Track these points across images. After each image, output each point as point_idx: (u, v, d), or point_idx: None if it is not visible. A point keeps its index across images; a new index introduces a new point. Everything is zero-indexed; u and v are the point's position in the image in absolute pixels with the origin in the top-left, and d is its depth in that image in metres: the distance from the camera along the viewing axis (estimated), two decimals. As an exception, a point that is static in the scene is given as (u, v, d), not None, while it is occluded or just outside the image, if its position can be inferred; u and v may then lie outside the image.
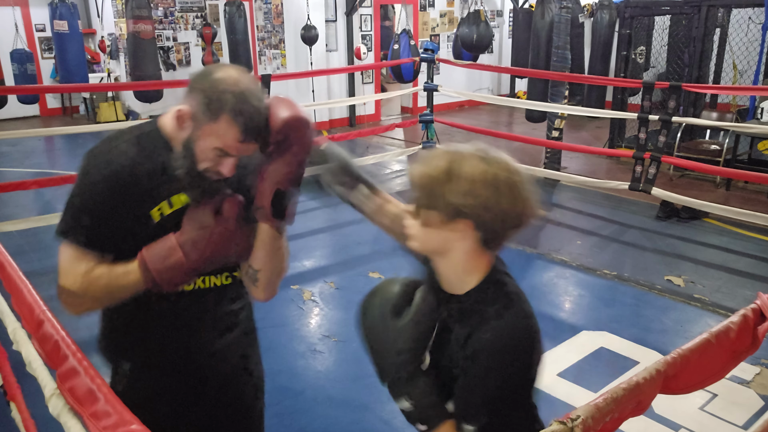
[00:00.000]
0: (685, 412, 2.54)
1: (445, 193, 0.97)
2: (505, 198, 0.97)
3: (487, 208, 0.97)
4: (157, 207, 1.24)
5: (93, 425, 0.84)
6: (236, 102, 1.13)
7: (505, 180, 0.98)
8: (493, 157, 1.00)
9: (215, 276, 1.33)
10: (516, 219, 1.00)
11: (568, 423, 0.74)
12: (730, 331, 1.05)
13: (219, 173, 1.19)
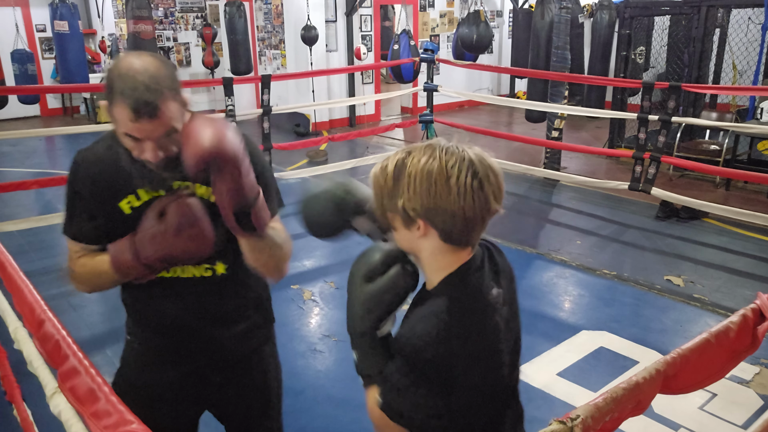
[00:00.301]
0: (685, 412, 2.54)
1: (395, 198, 0.99)
2: (442, 194, 0.95)
3: (432, 207, 0.96)
4: (126, 200, 1.31)
5: (93, 425, 0.84)
6: (121, 83, 1.15)
7: (438, 174, 0.95)
8: (438, 152, 0.97)
9: (192, 266, 1.37)
10: (461, 213, 0.96)
11: (567, 423, 0.75)
12: (729, 331, 1.06)
13: (149, 161, 1.23)
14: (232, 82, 5.10)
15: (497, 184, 0.99)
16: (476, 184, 0.96)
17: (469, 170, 0.96)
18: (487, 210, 0.99)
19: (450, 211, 0.96)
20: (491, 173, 0.99)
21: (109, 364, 2.97)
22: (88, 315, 3.48)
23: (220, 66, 9.53)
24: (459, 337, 0.99)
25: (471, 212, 0.96)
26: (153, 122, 1.18)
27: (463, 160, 0.96)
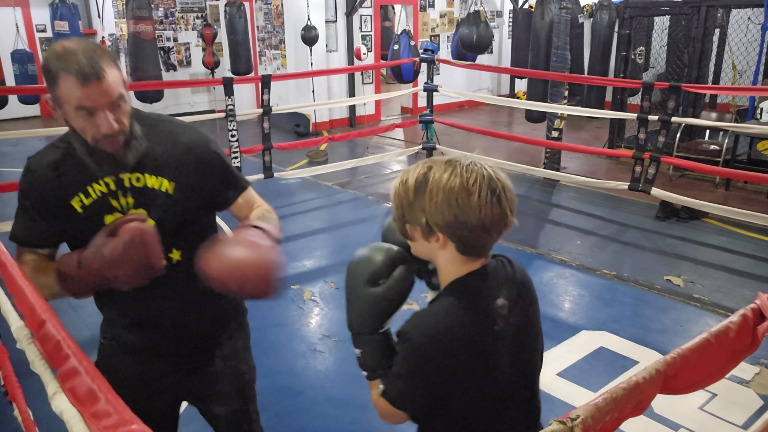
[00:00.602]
0: (685, 412, 2.55)
1: (415, 211, 1.05)
2: (465, 209, 1.01)
3: (453, 221, 1.02)
4: (76, 199, 1.33)
5: (94, 425, 0.84)
6: (61, 62, 1.19)
7: (460, 190, 1.01)
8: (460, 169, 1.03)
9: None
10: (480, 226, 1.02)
11: (567, 423, 0.75)
12: (729, 331, 1.06)
13: (105, 138, 1.24)
14: (232, 82, 5.10)
15: (512, 198, 1.06)
16: (495, 199, 1.02)
17: (489, 186, 1.02)
18: (504, 223, 1.05)
19: (470, 224, 1.02)
20: (507, 188, 1.05)
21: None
22: (88, 315, 3.48)
23: (221, 66, 9.53)
24: (455, 337, 1.04)
25: (490, 225, 1.03)
26: (100, 85, 1.20)
27: (483, 177, 1.02)
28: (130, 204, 1.35)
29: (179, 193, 1.37)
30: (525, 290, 1.17)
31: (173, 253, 1.41)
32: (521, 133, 7.76)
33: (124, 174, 1.33)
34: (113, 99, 1.24)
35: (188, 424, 2.53)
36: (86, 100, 1.20)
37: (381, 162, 6.73)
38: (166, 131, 1.41)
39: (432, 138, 6.73)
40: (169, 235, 1.35)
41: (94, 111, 1.22)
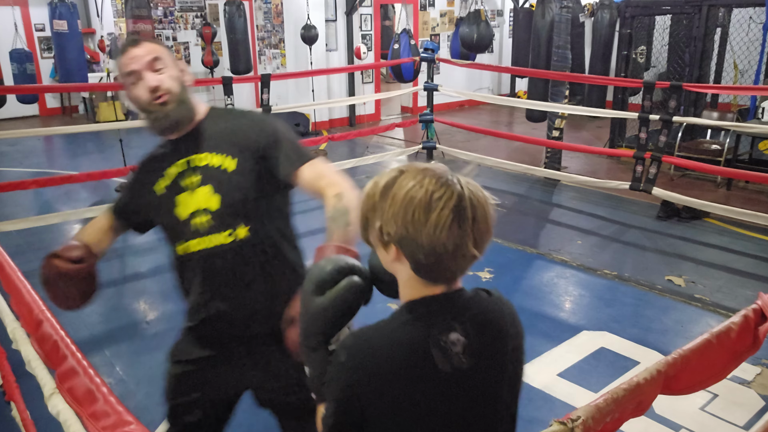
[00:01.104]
0: (686, 413, 2.54)
1: (373, 217, 0.95)
2: (417, 225, 0.89)
3: (405, 236, 0.91)
4: (157, 184, 1.51)
5: (92, 425, 0.84)
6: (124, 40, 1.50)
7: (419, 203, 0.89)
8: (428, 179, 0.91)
9: (213, 235, 1.46)
10: (431, 250, 0.90)
11: (568, 423, 0.74)
12: (730, 332, 1.05)
13: (151, 94, 1.42)
14: (231, 82, 5.09)
15: (482, 228, 0.92)
16: (456, 224, 0.89)
17: (455, 207, 0.89)
18: (461, 253, 0.91)
19: (420, 243, 0.90)
20: (479, 215, 0.92)
21: (107, 364, 2.97)
22: (86, 315, 3.47)
23: (220, 65, 9.53)
24: (380, 363, 0.94)
25: (442, 249, 0.90)
26: (139, 48, 1.42)
27: (452, 195, 0.90)
28: (197, 182, 1.47)
29: (241, 170, 1.46)
30: (496, 330, 1.00)
31: (240, 229, 1.46)
32: (522, 132, 7.75)
33: (192, 155, 1.48)
34: (150, 59, 1.42)
35: (187, 424, 2.53)
36: (129, 63, 1.42)
37: (381, 162, 6.72)
38: (231, 115, 1.58)
39: (432, 137, 6.73)
40: (235, 211, 1.45)
41: (138, 74, 1.42)
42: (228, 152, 1.47)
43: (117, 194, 1.68)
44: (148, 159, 1.58)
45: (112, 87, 7.32)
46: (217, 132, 1.50)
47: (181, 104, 1.45)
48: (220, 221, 1.45)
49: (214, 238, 1.45)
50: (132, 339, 3.21)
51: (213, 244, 1.46)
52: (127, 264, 4.28)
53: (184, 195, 1.47)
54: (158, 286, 3.89)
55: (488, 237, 0.94)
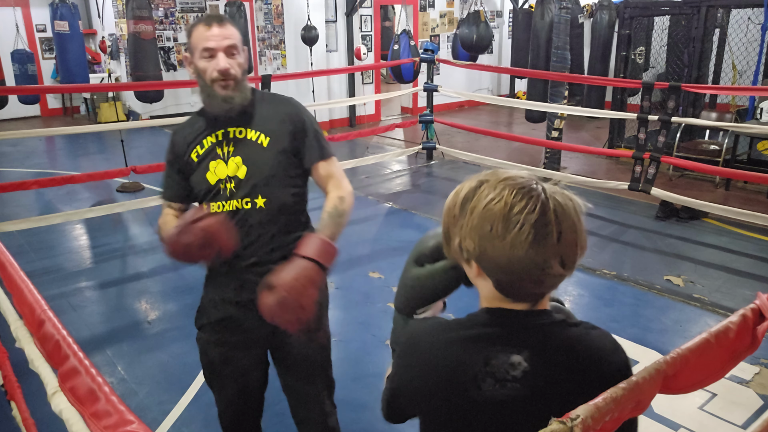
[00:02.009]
0: (685, 412, 2.54)
1: (454, 232, 0.90)
2: (495, 240, 0.83)
3: (483, 252, 0.84)
4: (194, 151, 1.64)
5: (94, 425, 0.84)
6: (200, 18, 1.60)
7: (497, 217, 0.82)
8: (508, 190, 0.83)
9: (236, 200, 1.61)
10: (508, 268, 0.84)
11: (567, 423, 0.74)
12: (729, 331, 1.05)
13: (220, 75, 1.53)
14: (232, 82, 5.09)
15: (568, 242, 0.84)
16: (537, 241, 0.81)
17: (536, 221, 0.81)
18: (543, 271, 0.83)
19: (497, 260, 0.84)
20: (566, 229, 0.83)
21: (109, 363, 2.98)
22: (88, 315, 3.48)
23: (220, 66, 9.53)
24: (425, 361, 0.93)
25: (521, 270, 0.83)
26: (221, 28, 1.54)
27: (534, 208, 0.82)
28: (230, 152, 1.61)
29: (272, 147, 1.62)
30: (574, 366, 0.88)
31: (258, 199, 1.62)
32: (521, 133, 7.76)
33: (231, 128, 1.62)
34: (229, 44, 1.54)
35: (188, 424, 2.53)
36: (208, 40, 1.53)
37: (381, 162, 6.73)
38: (271, 98, 1.71)
39: (432, 138, 6.74)
40: (257, 183, 1.60)
41: (214, 53, 1.54)
42: (263, 130, 1.62)
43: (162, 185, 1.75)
44: (185, 126, 1.69)
45: (113, 87, 7.33)
46: (256, 111, 1.64)
47: (241, 91, 1.59)
48: (243, 190, 1.60)
49: (235, 203, 1.61)
50: (133, 339, 3.22)
51: (232, 208, 1.61)
52: (128, 264, 4.29)
53: (217, 162, 1.61)
54: (159, 286, 3.89)
55: (578, 252, 0.86)
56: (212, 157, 1.62)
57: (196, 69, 1.58)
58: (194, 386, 2.77)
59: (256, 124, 1.63)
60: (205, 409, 2.61)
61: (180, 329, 3.31)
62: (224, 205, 1.62)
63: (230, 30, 1.56)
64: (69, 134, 8.63)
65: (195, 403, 2.65)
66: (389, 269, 3.96)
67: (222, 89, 1.56)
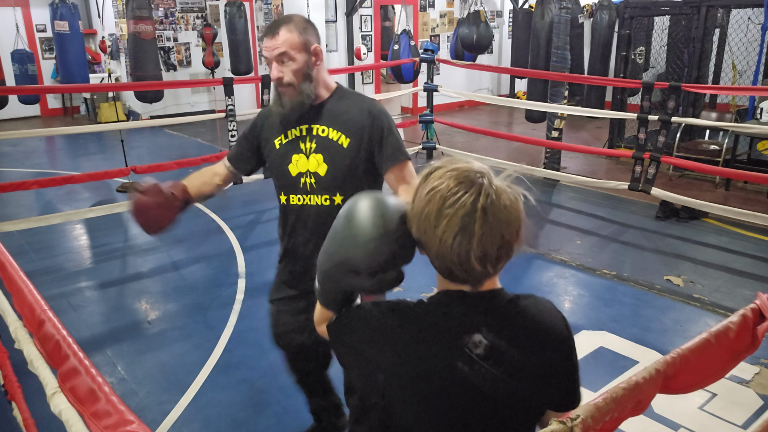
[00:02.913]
0: (685, 412, 2.54)
1: (410, 210, 0.94)
2: (428, 226, 0.87)
3: (420, 235, 0.90)
4: (278, 138, 1.77)
5: (94, 425, 0.84)
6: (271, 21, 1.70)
7: (435, 203, 0.86)
8: (453, 179, 0.87)
9: (316, 196, 1.73)
10: (440, 257, 0.87)
11: (567, 422, 0.75)
12: (729, 331, 1.06)
13: (279, 84, 1.68)
14: (232, 82, 5.10)
15: (495, 244, 0.86)
16: (461, 235, 0.85)
17: (468, 216, 0.84)
18: (466, 268, 0.87)
19: (430, 246, 0.89)
20: (495, 231, 0.85)
21: (109, 364, 2.98)
22: (88, 315, 3.48)
23: (221, 66, 9.53)
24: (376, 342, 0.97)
25: (448, 256, 0.87)
26: (273, 39, 1.63)
27: (466, 203, 0.85)
28: (312, 148, 1.72)
29: (351, 148, 1.70)
30: (529, 340, 0.93)
31: (337, 197, 1.71)
32: (521, 133, 7.75)
33: (315, 125, 1.72)
34: (278, 54, 1.63)
35: (188, 424, 2.53)
36: (264, 51, 1.68)
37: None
38: (353, 97, 1.78)
39: (432, 138, 6.73)
40: (337, 182, 1.70)
41: (270, 62, 1.66)
42: (344, 131, 1.70)
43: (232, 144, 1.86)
44: (269, 113, 1.81)
45: (113, 88, 7.34)
46: (339, 110, 1.73)
47: (300, 94, 1.67)
48: (322, 187, 1.71)
49: (315, 199, 1.73)
50: (133, 339, 3.22)
51: (312, 203, 1.74)
52: (128, 264, 4.29)
53: (299, 156, 1.72)
54: (159, 286, 3.89)
55: (505, 254, 0.88)
56: (295, 151, 1.73)
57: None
58: (194, 386, 2.77)
59: (338, 125, 1.71)
60: (205, 409, 2.61)
61: (180, 329, 3.31)
62: (304, 199, 1.75)
63: (282, 37, 1.63)
64: (69, 134, 8.63)
65: (195, 403, 2.65)
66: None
67: (283, 94, 1.69)
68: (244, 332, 3.24)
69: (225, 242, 4.58)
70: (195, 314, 3.47)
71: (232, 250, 4.42)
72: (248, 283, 3.85)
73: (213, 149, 7.33)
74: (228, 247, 4.47)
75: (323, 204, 1.73)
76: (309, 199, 1.74)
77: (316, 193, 1.73)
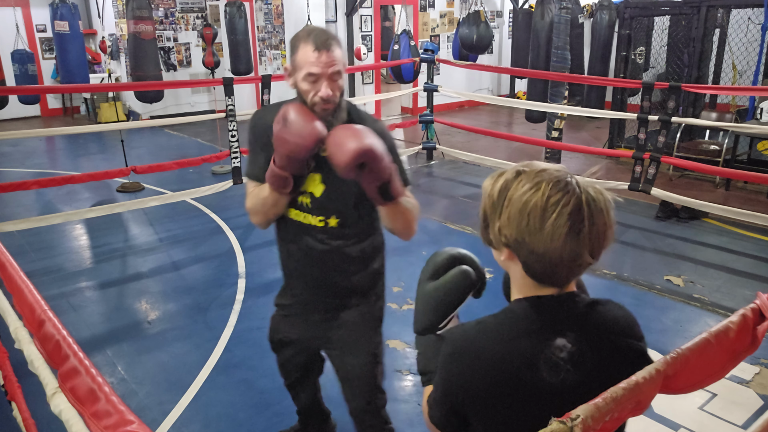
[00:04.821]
0: (685, 412, 2.54)
1: (493, 217, 0.94)
2: (532, 230, 0.88)
3: (519, 240, 0.90)
4: None
5: (94, 425, 0.84)
6: (306, 33, 1.54)
7: (534, 208, 0.88)
8: (545, 183, 0.89)
9: (311, 215, 1.69)
10: (546, 256, 0.89)
11: (567, 422, 0.75)
12: (729, 331, 1.05)
13: (321, 101, 1.53)
14: (232, 82, 5.10)
15: (599, 234, 0.89)
16: (572, 232, 0.87)
17: (572, 213, 0.87)
18: (577, 263, 0.89)
19: (535, 249, 0.89)
20: (598, 221, 0.89)
21: (109, 364, 2.98)
22: (88, 315, 3.48)
23: (221, 66, 9.53)
24: (479, 357, 0.94)
25: (557, 257, 0.89)
26: (329, 55, 1.51)
27: (569, 201, 0.87)
28: (311, 165, 1.62)
29: None
30: (612, 341, 0.95)
31: (331, 219, 1.69)
32: (521, 133, 7.76)
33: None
34: (334, 72, 1.53)
35: (188, 424, 2.53)
36: (315, 65, 1.51)
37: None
38: (360, 119, 1.68)
39: (432, 138, 6.74)
40: (332, 204, 1.66)
41: (318, 77, 1.52)
42: None
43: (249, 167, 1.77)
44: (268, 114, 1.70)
45: (113, 88, 7.34)
46: None
47: (338, 110, 1.60)
48: (317, 207, 1.67)
49: (311, 218, 1.69)
50: (133, 339, 3.22)
51: (307, 222, 1.70)
52: (128, 264, 4.29)
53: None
54: (159, 286, 3.89)
55: (607, 243, 0.91)
56: None
57: (296, 84, 1.57)
58: (194, 386, 2.77)
59: None
60: (205, 409, 2.61)
61: (180, 329, 3.31)
62: (303, 216, 1.71)
63: (337, 54, 1.53)
64: (69, 134, 8.63)
65: (195, 403, 2.65)
66: (389, 269, 3.95)
67: (322, 111, 1.55)
68: (244, 332, 3.24)
69: (225, 242, 4.59)
70: (195, 314, 3.47)
71: (232, 250, 4.42)
72: (248, 283, 3.85)
73: (213, 149, 7.33)
74: (228, 247, 4.47)
75: (317, 225, 1.70)
76: (304, 218, 1.71)
77: (312, 213, 1.69)
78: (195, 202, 5.45)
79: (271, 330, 2.01)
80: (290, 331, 1.94)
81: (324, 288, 1.79)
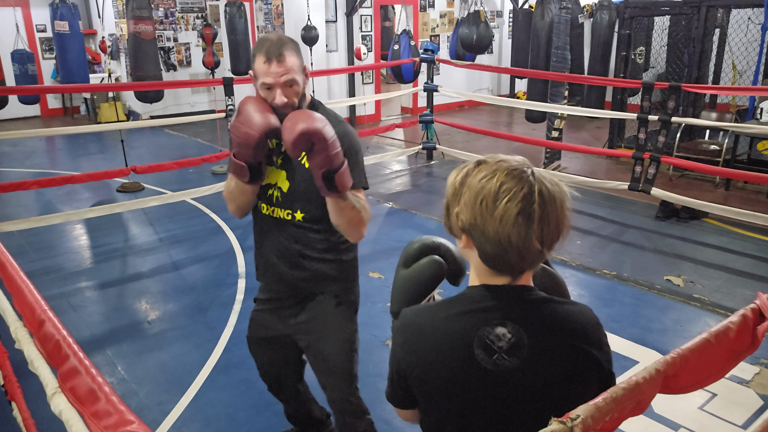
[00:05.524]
0: (685, 412, 2.54)
1: (453, 204, 0.99)
2: (485, 215, 0.92)
3: (474, 225, 0.94)
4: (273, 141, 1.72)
5: (94, 425, 0.84)
6: (260, 42, 1.61)
7: (487, 194, 0.92)
8: (501, 171, 0.93)
9: (280, 209, 1.77)
10: (496, 240, 0.92)
11: (567, 422, 0.75)
12: (729, 331, 1.05)
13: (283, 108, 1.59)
14: (232, 82, 5.10)
15: (551, 224, 0.92)
16: (522, 218, 0.90)
17: (523, 199, 0.91)
18: (526, 248, 0.92)
19: (487, 234, 0.92)
20: (550, 211, 0.92)
21: (109, 364, 2.98)
22: (88, 315, 3.48)
23: (221, 66, 9.53)
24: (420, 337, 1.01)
25: (506, 240, 0.91)
26: (280, 65, 1.57)
27: (521, 189, 0.91)
28: (278, 163, 1.75)
29: None
30: (559, 336, 0.97)
31: (297, 213, 1.76)
32: (521, 133, 7.76)
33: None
34: (286, 80, 1.59)
35: (188, 424, 2.53)
36: (267, 75, 1.58)
37: (381, 162, 6.73)
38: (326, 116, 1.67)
39: (432, 138, 6.74)
40: (297, 198, 1.73)
41: (272, 86, 1.59)
42: None
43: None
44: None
45: (113, 88, 7.34)
46: None
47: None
48: (284, 201, 1.75)
49: (279, 212, 1.77)
50: (133, 339, 3.22)
51: (276, 215, 1.78)
52: (128, 264, 4.29)
53: (271, 168, 1.75)
54: (159, 286, 3.89)
55: (558, 235, 0.94)
56: (268, 161, 1.73)
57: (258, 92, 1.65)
58: (194, 386, 2.77)
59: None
60: (205, 409, 2.61)
61: (180, 329, 3.31)
62: (270, 209, 1.79)
63: (289, 62, 1.58)
64: (69, 134, 8.63)
65: (195, 403, 2.65)
66: (389, 269, 3.95)
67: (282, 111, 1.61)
68: (244, 332, 3.21)
69: (225, 242, 4.59)
70: (195, 314, 3.47)
71: (232, 250, 4.43)
72: (248, 283, 3.85)
73: (213, 149, 7.33)
74: (228, 247, 4.47)
75: (285, 218, 1.77)
76: (273, 211, 1.78)
77: (281, 207, 1.77)
78: (195, 202, 5.45)
79: (249, 327, 2.03)
80: (267, 327, 1.96)
81: (294, 280, 1.83)
